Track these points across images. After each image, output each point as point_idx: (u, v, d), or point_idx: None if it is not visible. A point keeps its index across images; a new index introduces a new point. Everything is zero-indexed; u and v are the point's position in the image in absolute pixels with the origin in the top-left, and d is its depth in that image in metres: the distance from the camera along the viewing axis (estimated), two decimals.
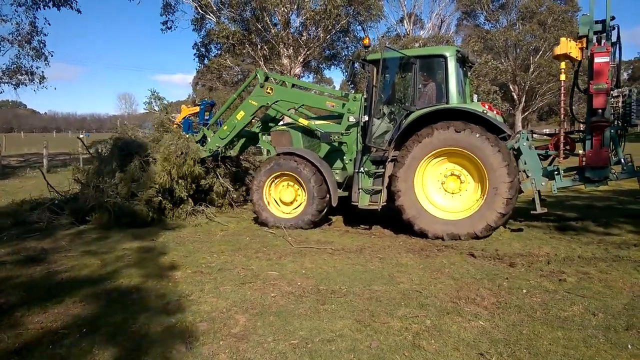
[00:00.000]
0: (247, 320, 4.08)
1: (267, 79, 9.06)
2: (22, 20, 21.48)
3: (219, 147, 9.19)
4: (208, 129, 9.59)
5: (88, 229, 7.94)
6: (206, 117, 9.85)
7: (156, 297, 4.64)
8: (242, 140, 9.83)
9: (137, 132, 9.91)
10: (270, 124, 9.54)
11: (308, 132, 8.73)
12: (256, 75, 9.11)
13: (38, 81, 24.16)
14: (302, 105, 9.06)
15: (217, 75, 32.30)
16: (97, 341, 3.68)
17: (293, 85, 9.32)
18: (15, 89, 23.85)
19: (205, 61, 32.48)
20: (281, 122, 9.70)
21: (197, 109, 10.01)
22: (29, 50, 22.51)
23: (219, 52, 31.52)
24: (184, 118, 9.95)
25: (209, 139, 9.38)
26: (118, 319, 4.09)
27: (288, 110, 9.10)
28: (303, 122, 8.68)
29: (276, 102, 8.81)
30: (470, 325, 3.93)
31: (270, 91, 8.83)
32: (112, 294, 4.75)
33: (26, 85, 24.06)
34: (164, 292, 4.80)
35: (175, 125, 9.86)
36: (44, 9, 21.15)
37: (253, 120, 9.50)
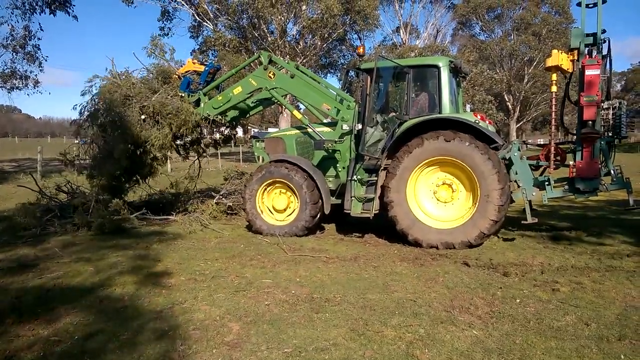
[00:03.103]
0: (240, 329, 4.06)
1: (270, 61, 8.99)
2: (17, 22, 21.54)
3: (210, 115, 9.22)
4: (205, 95, 9.55)
5: (81, 235, 7.90)
6: (207, 80, 9.79)
7: (149, 305, 4.62)
8: (234, 112, 9.85)
9: (130, 80, 9.60)
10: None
11: (302, 139, 8.74)
12: (259, 56, 9.09)
13: (32, 85, 24.18)
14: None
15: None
16: (89, 349, 3.65)
17: (297, 68, 9.18)
18: (9, 92, 23.85)
19: None
20: (276, 130, 9.76)
21: (202, 68, 9.88)
22: (23, 55, 22.54)
23: (215, 58, 31.60)
24: (186, 71, 9.82)
25: (202, 104, 9.39)
26: (110, 327, 4.06)
27: (282, 96, 9.11)
28: (297, 114, 8.63)
29: (274, 88, 8.81)
30: (464, 335, 3.93)
31: (272, 76, 8.79)
32: (104, 301, 4.72)
33: (20, 90, 24.07)
34: (157, 299, 4.78)
35: (175, 76, 9.80)
36: (40, 14, 21.19)
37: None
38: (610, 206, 11.00)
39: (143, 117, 8.94)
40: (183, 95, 9.36)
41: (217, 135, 10.43)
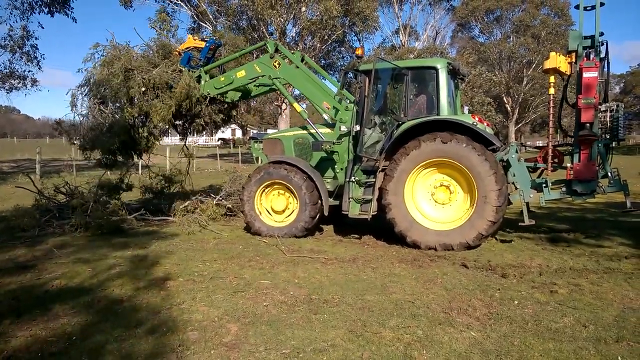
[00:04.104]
0: (238, 330, 4.06)
1: (276, 50, 8.94)
2: (16, 22, 21.60)
3: (210, 93, 9.17)
4: (206, 73, 9.46)
5: (80, 235, 7.89)
6: (208, 56, 9.73)
7: (147, 306, 4.61)
8: (235, 94, 9.74)
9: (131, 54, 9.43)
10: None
11: (300, 140, 8.74)
12: (265, 44, 9.06)
13: (30, 84, 24.24)
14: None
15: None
16: (86, 350, 3.65)
17: (302, 60, 9.11)
18: (7, 93, 23.91)
19: None
20: (275, 131, 9.74)
21: (203, 44, 9.80)
22: (21, 55, 22.61)
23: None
24: (186, 48, 9.75)
25: (202, 82, 9.32)
26: (108, 328, 4.06)
27: (284, 85, 9.08)
28: (297, 107, 8.59)
29: (278, 78, 8.77)
30: (462, 336, 3.93)
31: (277, 65, 8.75)
32: (102, 302, 4.72)
33: (18, 90, 24.13)
34: (155, 300, 4.77)
35: (176, 52, 9.75)
36: (39, 14, 21.28)
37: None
38: (608, 208, 11.02)
39: (143, 89, 8.88)
40: (183, 69, 9.27)
41: (220, 116, 10.20)
